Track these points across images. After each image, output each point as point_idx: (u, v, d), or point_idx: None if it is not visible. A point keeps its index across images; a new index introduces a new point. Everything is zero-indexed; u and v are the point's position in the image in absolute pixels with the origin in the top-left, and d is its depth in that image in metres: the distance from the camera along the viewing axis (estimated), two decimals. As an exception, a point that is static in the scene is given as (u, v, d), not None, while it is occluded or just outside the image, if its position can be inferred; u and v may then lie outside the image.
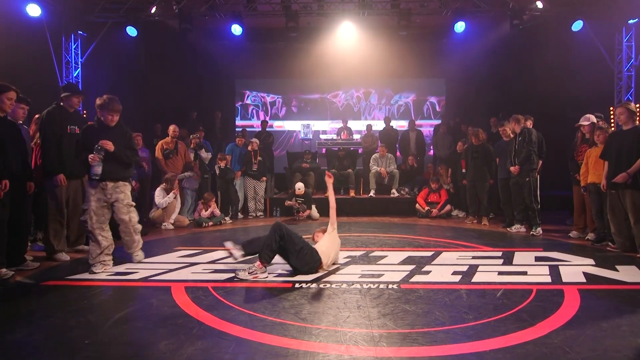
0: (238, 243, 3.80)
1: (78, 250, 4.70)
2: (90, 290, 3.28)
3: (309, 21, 9.68)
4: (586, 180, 5.05)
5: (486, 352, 2.18)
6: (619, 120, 4.48)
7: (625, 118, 4.35)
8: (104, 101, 3.89)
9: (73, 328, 2.51)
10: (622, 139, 4.40)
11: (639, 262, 3.99)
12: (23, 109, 4.26)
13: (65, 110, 4.48)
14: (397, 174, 8.09)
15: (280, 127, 12.04)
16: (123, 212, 3.98)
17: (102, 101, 3.90)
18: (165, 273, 3.78)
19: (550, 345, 2.27)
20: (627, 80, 8.23)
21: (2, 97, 3.67)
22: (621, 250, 4.45)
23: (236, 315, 2.70)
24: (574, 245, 4.99)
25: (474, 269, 3.83)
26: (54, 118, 4.35)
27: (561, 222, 6.62)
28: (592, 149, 5.07)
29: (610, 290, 3.23)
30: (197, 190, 7.56)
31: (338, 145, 9.29)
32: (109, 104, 3.89)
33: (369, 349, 2.23)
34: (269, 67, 11.28)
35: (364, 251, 4.62)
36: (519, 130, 5.71)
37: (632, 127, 4.37)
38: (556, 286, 3.32)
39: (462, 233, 5.87)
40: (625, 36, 8.16)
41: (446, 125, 9.25)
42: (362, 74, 10.49)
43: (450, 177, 7.85)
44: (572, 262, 4.09)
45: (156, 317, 2.68)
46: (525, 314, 2.72)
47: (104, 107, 3.88)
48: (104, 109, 3.88)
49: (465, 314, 2.74)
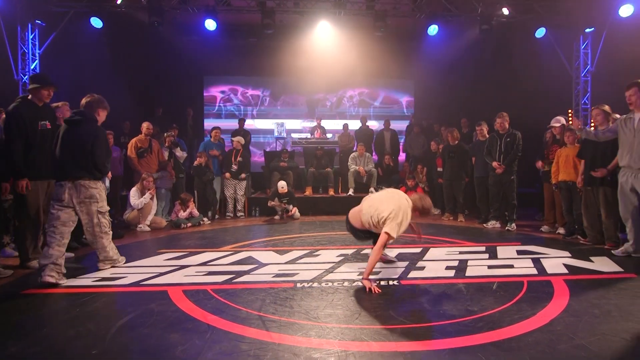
0: None
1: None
2: (79, 298, 3.07)
3: (284, 19, 9.61)
4: (557, 178, 5.39)
5: (501, 342, 2.28)
6: (595, 121, 4.79)
7: (601, 119, 4.65)
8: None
9: (73, 338, 2.35)
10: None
11: (609, 253, 4.32)
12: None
13: (34, 105, 4.09)
14: (375, 173, 8.23)
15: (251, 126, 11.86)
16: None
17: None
18: (156, 277, 3.62)
19: (555, 332, 2.41)
20: (584, 85, 8.88)
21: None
22: (592, 243, 4.80)
23: (247, 317, 2.64)
24: (548, 239, 5.31)
25: (465, 264, 3.98)
26: (19, 114, 3.94)
27: (530, 217, 7.02)
28: (562, 148, 5.42)
29: (592, 280, 3.48)
30: (172, 190, 7.28)
31: (313, 144, 9.29)
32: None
33: (390, 344, 2.26)
34: (242, 64, 11.08)
35: (354, 249, 4.65)
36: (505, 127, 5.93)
37: (606, 127, 4.69)
38: (544, 277, 3.53)
39: (442, 229, 6.07)
40: (582, 44, 8.80)
41: (419, 126, 9.52)
42: (338, 73, 10.54)
43: (426, 175, 8.09)
44: (551, 255, 4.35)
45: (162, 323, 2.56)
46: (524, 304, 2.87)
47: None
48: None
49: (470, 306, 2.85)
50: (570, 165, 5.19)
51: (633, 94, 3.93)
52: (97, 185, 3.74)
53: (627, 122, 4.09)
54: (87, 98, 3.87)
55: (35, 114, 4.07)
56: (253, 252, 4.56)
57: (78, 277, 3.63)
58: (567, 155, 5.25)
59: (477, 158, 6.51)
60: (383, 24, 8.81)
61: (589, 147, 4.75)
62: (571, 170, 5.19)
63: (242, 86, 11.86)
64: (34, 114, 4.06)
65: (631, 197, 4.07)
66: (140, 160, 6.79)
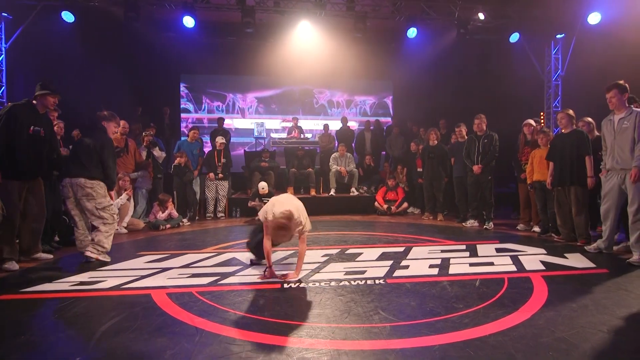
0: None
1: (35, 259, 4.20)
2: (57, 303, 2.94)
3: (264, 18, 9.53)
4: (532, 178, 5.59)
5: (487, 337, 2.34)
6: (560, 124, 5.02)
7: (566, 122, 4.89)
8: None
9: (55, 345, 2.25)
10: (564, 141, 4.94)
11: (581, 250, 4.51)
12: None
13: (35, 110, 4.07)
14: (356, 173, 8.29)
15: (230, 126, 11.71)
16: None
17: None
18: (137, 280, 3.52)
19: (537, 326, 2.50)
20: (555, 89, 9.26)
21: None
22: (566, 240, 5.01)
23: (236, 319, 2.61)
24: (524, 237, 5.50)
25: (447, 262, 4.07)
26: (14, 113, 3.89)
27: (506, 216, 7.25)
28: (536, 150, 5.62)
29: (567, 276, 3.63)
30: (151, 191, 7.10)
31: (294, 144, 9.27)
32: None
33: (380, 342, 2.28)
34: (221, 63, 10.92)
35: (338, 249, 4.68)
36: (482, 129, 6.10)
37: (571, 130, 4.93)
38: (523, 274, 3.65)
39: (423, 229, 6.18)
40: (553, 49, 9.17)
41: (399, 127, 9.66)
42: (318, 73, 10.57)
43: (406, 176, 8.21)
44: (528, 252, 4.51)
45: (148, 327, 2.49)
46: (506, 300, 2.96)
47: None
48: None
49: (455, 303, 2.91)
50: (544, 166, 5.39)
51: (613, 95, 4.06)
52: (93, 185, 4.15)
53: (607, 125, 4.23)
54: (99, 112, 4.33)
55: (31, 119, 4.00)
56: (237, 254, 4.51)
57: (54, 281, 3.48)
58: (541, 156, 5.46)
59: (456, 159, 6.67)
60: (363, 26, 8.89)
61: (557, 149, 4.95)
62: (545, 170, 5.39)
63: (220, 85, 11.68)
64: (31, 119, 4.00)
65: (617, 198, 4.15)
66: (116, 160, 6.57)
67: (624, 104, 4.07)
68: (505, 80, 9.30)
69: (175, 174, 7.07)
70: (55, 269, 3.97)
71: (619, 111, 4.09)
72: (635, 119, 3.94)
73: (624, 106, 4.06)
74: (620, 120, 4.06)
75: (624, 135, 4.01)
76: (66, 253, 4.65)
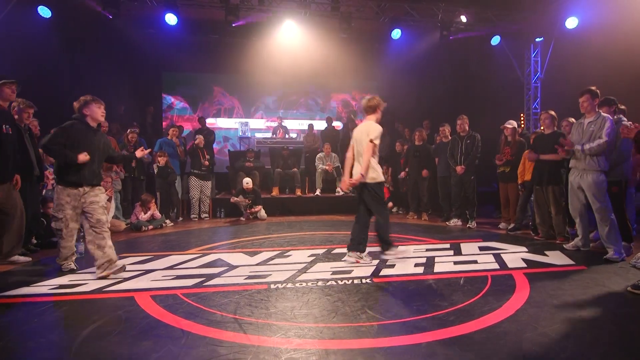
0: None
1: (12, 262, 4.06)
2: (35, 308, 2.85)
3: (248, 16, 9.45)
4: (523, 177, 5.68)
5: (473, 333, 2.38)
6: (543, 124, 5.15)
7: (549, 122, 5.02)
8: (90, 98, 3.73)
9: (34, 351, 2.18)
10: (544, 142, 5.06)
11: (560, 248, 4.64)
12: None
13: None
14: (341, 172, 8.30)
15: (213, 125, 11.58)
16: (100, 212, 3.70)
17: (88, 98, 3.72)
18: (120, 283, 3.44)
19: (521, 322, 2.56)
20: (534, 91, 9.49)
21: None
22: (545, 238, 5.14)
23: (223, 321, 2.58)
24: (506, 235, 5.61)
25: (432, 261, 4.12)
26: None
27: (488, 215, 7.39)
28: (528, 151, 5.69)
29: (548, 273, 3.72)
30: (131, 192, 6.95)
31: (278, 144, 9.24)
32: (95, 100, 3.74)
33: (369, 340, 2.29)
34: (204, 61, 10.78)
35: (325, 249, 4.68)
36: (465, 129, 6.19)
37: (552, 131, 5.06)
38: (505, 272, 3.73)
39: (408, 228, 6.24)
40: (533, 52, 9.40)
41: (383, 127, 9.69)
42: (303, 73, 10.55)
43: (391, 175, 8.28)
44: (510, 250, 4.60)
45: (132, 330, 2.44)
46: (490, 298, 3.02)
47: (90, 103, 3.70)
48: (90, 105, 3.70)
49: (440, 301, 2.95)
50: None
51: (585, 100, 4.22)
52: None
53: (578, 127, 4.41)
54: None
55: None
56: (222, 254, 4.46)
57: (33, 285, 3.37)
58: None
59: (440, 159, 6.76)
60: (348, 26, 8.93)
61: (538, 149, 5.08)
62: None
63: (204, 83, 11.54)
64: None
65: (579, 195, 4.37)
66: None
67: (595, 108, 4.24)
68: (487, 82, 9.49)
69: (159, 175, 6.93)
70: (33, 272, 3.84)
71: (589, 115, 4.26)
72: (600, 122, 4.13)
73: (594, 111, 4.24)
74: (589, 123, 4.23)
75: (589, 137, 4.17)
76: (44, 255, 4.51)
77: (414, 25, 9.39)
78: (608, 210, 4.12)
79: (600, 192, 4.13)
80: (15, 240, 4.11)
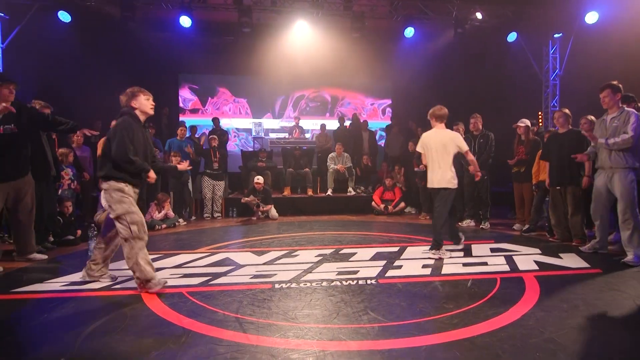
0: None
1: (29, 259, 4.19)
2: (46, 304, 2.94)
3: (261, 17, 9.52)
4: (537, 178, 5.53)
5: (475, 337, 2.33)
6: (557, 123, 4.99)
7: (562, 121, 4.86)
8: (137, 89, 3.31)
9: (41, 345, 2.24)
10: (560, 141, 4.90)
11: (577, 250, 4.49)
12: None
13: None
14: (353, 172, 8.27)
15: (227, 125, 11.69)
16: None
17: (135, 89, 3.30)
18: (129, 280, 3.49)
19: (527, 326, 2.49)
20: (552, 88, 9.23)
21: None
22: (561, 240, 4.98)
23: (224, 320, 2.60)
24: (519, 237, 5.47)
25: (441, 262, 4.06)
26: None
27: (503, 216, 7.22)
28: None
29: (561, 276, 3.61)
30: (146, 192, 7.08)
31: (291, 144, 9.26)
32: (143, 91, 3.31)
33: (367, 342, 2.27)
34: (218, 63, 10.91)
35: (333, 249, 4.66)
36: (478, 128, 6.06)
37: (567, 130, 4.90)
38: (515, 274, 3.63)
39: (419, 229, 6.16)
40: (551, 48, 9.14)
41: (398, 126, 9.63)
42: (315, 73, 10.55)
43: (404, 176, 8.19)
44: (522, 252, 4.49)
45: (136, 327, 2.48)
46: (497, 301, 2.95)
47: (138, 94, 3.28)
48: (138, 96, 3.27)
49: (445, 303, 2.90)
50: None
51: (606, 95, 4.05)
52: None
53: (601, 123, 4.23)
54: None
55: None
56: (230, 254, 4.50)
57: (46, 281, 3.48)
58: None
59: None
60: (361, 25, 8.88)
61: (554, 149, 4.91)
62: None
63: (217, 85, 11.67)
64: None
65: (604, 197, 4.15)
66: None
67: (617, 103, 4.06)
68: (503, 80, 9.27)
69: (172, 175, 7.06)
70: (47, 269, 3.96)
71: (611, 111, 4.09)
72: (624, 117, 3.95)
73: (617, 106, 4.06)
74: (612, 119, 4.06)
75: (613, 133, 4.00)
76: (60, 253, 4.65)
77: (427, 23, 9.26)
78: (634, 212, 3.93)
79: (627, 190, 3.92)
80: (30, 237, 4.22)
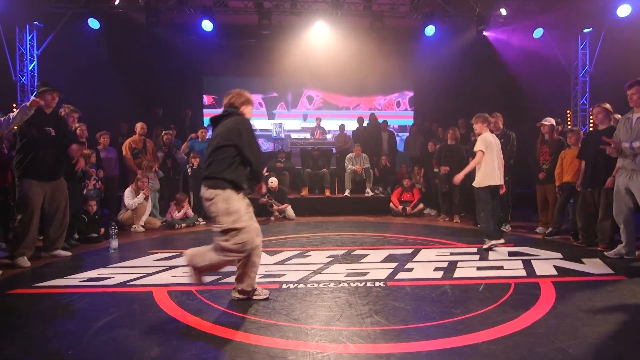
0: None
1: (54, 255, 4.40)
2: (64, 298, 3.08)
3: (281, 19, 9.61)
4: (560, 179, 5.27)
5: (479, 344, 2.26)
6: (595, 119, 4.70)
7: (602, 117, 4.53)
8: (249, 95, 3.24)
9: (52, 338, 2.35)
10: (599, 139, 4.43)
11: (601, 255, 4.27)
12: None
13: (42, 111, 4.18)
14: (371, 173, 8.21)
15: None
16: None
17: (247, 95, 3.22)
18: (143, 277, 3.62)
19: (536, 335, 2.39)
20: (582, 86, 8.82)
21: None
22: (586, 245, 4.74)
23: (227, 318, 2.64)
24: (541, 240, 5.26)
25: (454, 265, 3.96)
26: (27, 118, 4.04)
27: (526, 218, 6.96)
28: (567, 149, 5.26)
29: (580, 282, 3.44)
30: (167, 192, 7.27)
31: (310, 144, 9.29)
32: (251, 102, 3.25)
33: (367, 345, 2.25)
34: (240, 65, 11.06)
35: (345, 250, 4.64)
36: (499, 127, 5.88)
37: (607, 126, 4.53)
38: (532, 279, 3.50)
39: (436, 230, 6.04)
40: (580, 44, 8.74)
41: (417, 126, 9.47)
42: (335, 74, 10.53)
43: (423, 176, 8.05)
44: (543, 256, 4.31)
45: (143, 324, 2.56)
46: (508, 307, 2.85)
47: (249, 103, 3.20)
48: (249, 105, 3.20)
49: (453, 308, 2.83)
50: (576, 167, 5.01)
51: (635, 92, 3.83)
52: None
53: (625, 122, 4.01)
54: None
55: (42, 121, 4.17)
56: (243, 253, 4.55)
57: (66, 277, 3.64)
58: (572, 156, 5.09)
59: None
60: (380, 25, 8.79)
61: (590, 148, 4.64)
62: (576, 171, 5.03)
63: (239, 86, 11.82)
64: (41, 120, 4.16)
65: (625, 198, 3.99)
66: (135, 160, 6.82)
67: None
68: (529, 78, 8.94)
69: (192, 176, 7.21)
70: (70, 265, 4.14)
71: (638, 109, 3.85)
72: None
73: None
74: (638, 119, 3.83)
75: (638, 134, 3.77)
76: (83, 250, 4.85)
77: (448, 21, 9.06)
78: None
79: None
80: (58, 235, 4.44)
